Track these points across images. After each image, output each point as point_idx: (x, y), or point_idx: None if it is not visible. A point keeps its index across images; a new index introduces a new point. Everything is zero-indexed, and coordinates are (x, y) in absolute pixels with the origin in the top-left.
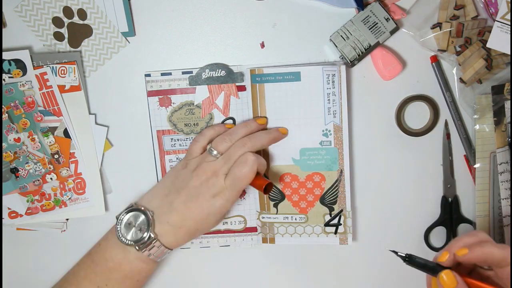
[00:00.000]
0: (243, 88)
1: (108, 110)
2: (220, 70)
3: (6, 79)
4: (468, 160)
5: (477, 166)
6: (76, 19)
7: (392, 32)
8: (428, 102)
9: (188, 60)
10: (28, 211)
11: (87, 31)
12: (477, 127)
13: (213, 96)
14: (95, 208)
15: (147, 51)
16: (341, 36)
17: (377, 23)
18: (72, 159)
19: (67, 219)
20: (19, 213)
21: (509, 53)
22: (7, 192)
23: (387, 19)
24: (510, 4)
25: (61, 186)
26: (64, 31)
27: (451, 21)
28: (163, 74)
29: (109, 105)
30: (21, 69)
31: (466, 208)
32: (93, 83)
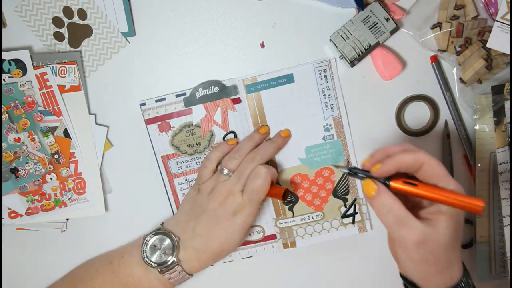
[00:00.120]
0: (238, 101)
1: (108, 110)
2: (213, 87)
3: (6, 79)
4: (468, 160)
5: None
6: (76, 19)
7: (392, 32)
8: (428, 102)
9: (188, 59)
10: (28, 211)
11: (87, 31)
12: (477, 127)
13: (210, 114)
14: (95, 208)
15: (147, 51)
16: (341, 36)
17: (377, 23)
18: (72, 159)
19: (67, 219)
20: (19, 213)
21: (509, 53)
22: (7, 192)
23: (387, 19)
24: (510, 4)
25: (61, 186)
26: (64, 31)
27: (451, 21)
28: (157, 101)
29: (109, 105)
30: (21, 69)
31: None
32: (93, 83)
